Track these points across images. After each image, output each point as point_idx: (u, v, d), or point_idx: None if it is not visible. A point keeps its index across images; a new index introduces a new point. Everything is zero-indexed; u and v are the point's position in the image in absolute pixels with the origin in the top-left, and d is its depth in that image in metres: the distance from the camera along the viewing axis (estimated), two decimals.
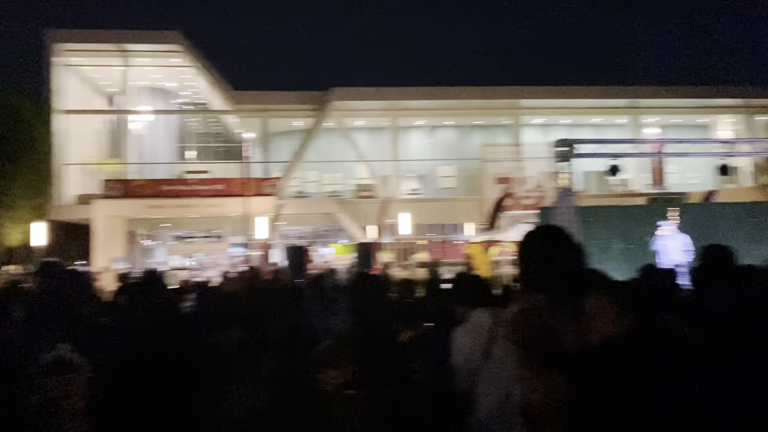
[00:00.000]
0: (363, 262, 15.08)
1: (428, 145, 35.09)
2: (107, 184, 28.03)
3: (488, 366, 3.16)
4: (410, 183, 34.04)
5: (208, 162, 33.45)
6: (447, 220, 32.57)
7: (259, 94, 32.31)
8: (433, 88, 33.05)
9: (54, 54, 29.29)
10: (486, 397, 3.13)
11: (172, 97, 33.81)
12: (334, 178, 34.36)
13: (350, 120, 33.77)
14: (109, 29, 30.62)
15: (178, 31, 30.52)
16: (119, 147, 32.96)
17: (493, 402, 3.11)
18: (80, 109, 30.90)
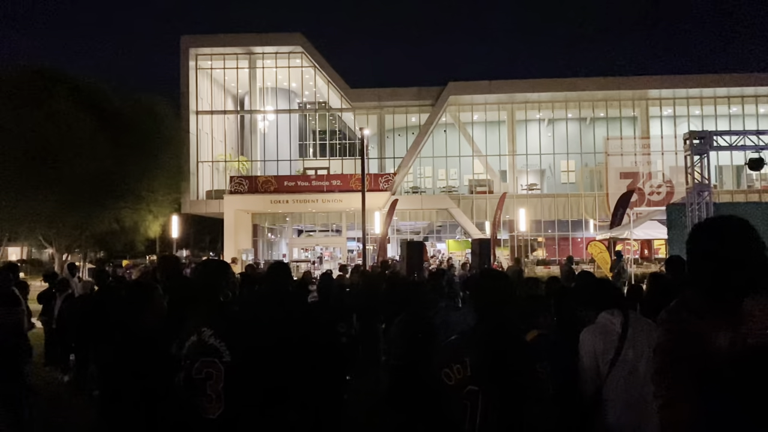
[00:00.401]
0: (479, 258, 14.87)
1: (547, 138, 34.03)
2: (234, 180, 29.72)
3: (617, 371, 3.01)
4: (528, 178, 33.19)
5: (327, 158, 34.49)
6: (567, 216, 31.45)
7: (376, 91, 32.84)
8: (552, 79, 31.97)
9: (188, 58, 31.52)
10: (614, 402, 2.99)
11: (294, 96, 35.20)
12: (450, 174, 34.23)
13: (466, 114, 33.48)
14: (236, 32, 32.40)
15: (299, 33, 31.77)
16: (246, 145, 34.86)
17: (621, 408, 2.97)
18: (212, 110, 33.01)
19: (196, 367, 2.76)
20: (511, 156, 32.71)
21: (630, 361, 3.00)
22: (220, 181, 32.84)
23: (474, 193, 31.42)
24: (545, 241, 32.57)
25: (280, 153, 33.54)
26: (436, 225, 32.81)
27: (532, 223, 30.39)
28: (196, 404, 2.73)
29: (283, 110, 34.12)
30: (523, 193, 31.97)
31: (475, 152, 33.10)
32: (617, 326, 3.07)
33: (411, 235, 32.97)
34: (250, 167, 33.52)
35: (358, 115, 33.09)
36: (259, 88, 33.47)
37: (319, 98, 34.47)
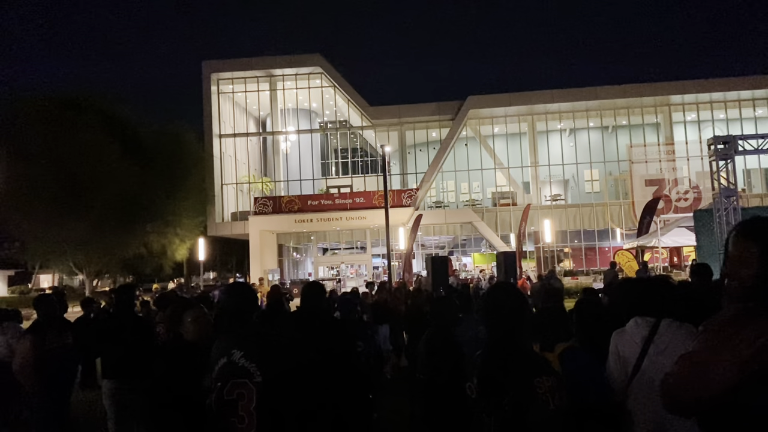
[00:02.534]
0: (504, 271, 14.77)
1: (569, 148, 33.84)
2: (258, 201, 30.02)
3: (639, 381, 2.97)
4: (552, 189, 32.97)
5: (349, 176, 34.71)
6: (592, 226, 31.13)
7: (395, 107, 33.05)
8: (572, 89, 31.85)
9: (211, 83, 32.10)
10: (638, 415, 2.95)
11: (315, 116, 35.58)
12: (472, 187, 34.17)
13: (487, 127, 33.48)
14: (255, 56, 32.92)
15: (317, 54, 32.18)
16: (269, 166, 35.26)
17: (646, 420, 2.92)
18: (234, 133, 33.49)
19: (227, 388, 2.80)
20: (533, 167, 32.56)
21: (652, 370, 2.94)
22: (244, 202, 33.21)
23: (497, 205, 31.31)
24: (572, 252, 32.25)
25: (302, 173, 33.84)
26: (460, 239, 32.71)
27: (557, 234, 30.13)
28: (229, 425, 2.76)
29: (305, 130, 34.47)
30: (547, 204, 31.75)
31: (497, 165, 33.03)
32: (642, 332, 3.02)
33: (436, 250, 32.91)
34: (274, 188, 33.85)
35: (378, 132, 33.29)
36: (281, 109, 33.90)
37: (340, 117, 34.78)
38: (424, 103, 32.83)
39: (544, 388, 2.52)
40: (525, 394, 2.49)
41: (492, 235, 29.62)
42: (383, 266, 31.13)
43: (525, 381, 2.51)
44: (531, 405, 2.47)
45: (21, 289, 51.98)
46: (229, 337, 2.95)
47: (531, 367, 2.58)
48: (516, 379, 2.51)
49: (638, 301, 3.18)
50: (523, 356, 2.63)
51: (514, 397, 2.49)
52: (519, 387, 2.50)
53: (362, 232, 31.15)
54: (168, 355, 3.04)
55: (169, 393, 2.91)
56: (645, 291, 3.23)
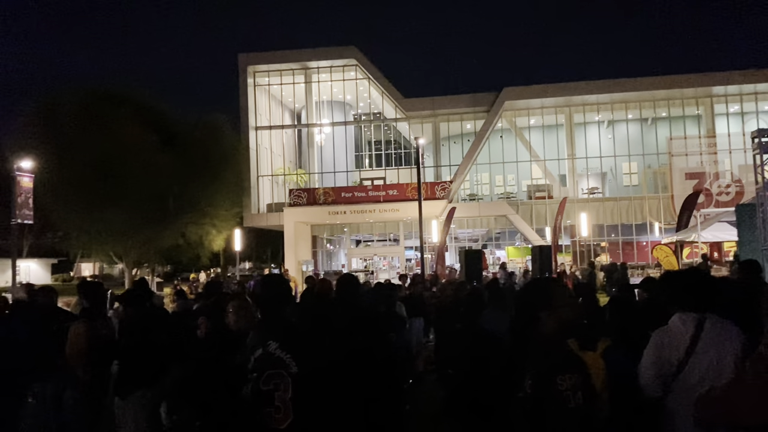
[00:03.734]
0: (540, 265, 14.63)
1: (607, 140, 33.23)
2: (293, 193, 30.28)
3: (683, 380, 2.91)
4: (589, 182, 32.44)
5: (383, 168, 34.73)
6: (630, 220, 30.54)
7: (429, 100, 32.88)
8: (611, 80, 31.20)
9: (247, 75, 32.43)
10: (679, 415, 2.89)
11: (349, 108, 35.66)
12: (507, 180, 33.86)
13: (523, 119, 33.09)
14: (291, 48, 33.12)
15: (352, 46, 32.20)
16: (303, 158, 35.52)
17: (687, 418, 2.86)
18: (270, 125, 33.80)
19: (263, 379, 2.84)
20: (570, 160, 32.08)
21: (697, 371, 2.88)
22: (279, 194, 33.53)
23: (533, 198, 30.95)
24: (608, 246, 31.72)
25: (336, 165, 33.99)
26: (494, 232, 32.46)
27: (594, 228, 29.67)
28: (265, 415, 2.80)
29: (339, 122, 34.58)
30: (584, 197, 31.27)
31: (533, 157, 32.64)
32: (689, 331, 2.95)
33: (469, 243, 32.74)
34: (308, 180, 34.08)
35: (412, 124, 33.21)
36: (315, 101, 34.06)
37: (374, 109, 34.78)
38: (458, 94, 32.59)
39: (566, 385, 2.49)
40: (545, 390, 2.46)
41: (527, 228, 29.31)
42: (416, 259, 31.11)
43: (546, 377, 2.48)
44: (550, 402, 2.45)
45: (63, 277, 53.59)
46: (264, 328, 2.99)
47: (555, 363, 2.55)
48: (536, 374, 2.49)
49: (683, 294, 3.10)
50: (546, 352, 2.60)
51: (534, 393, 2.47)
52: (539, 383, 2.48)
53: (395, 224, 31.14)
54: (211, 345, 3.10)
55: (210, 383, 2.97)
56: (690, 284, 3.14)
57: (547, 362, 2.51)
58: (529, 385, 2.47)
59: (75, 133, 23.94)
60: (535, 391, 2.46)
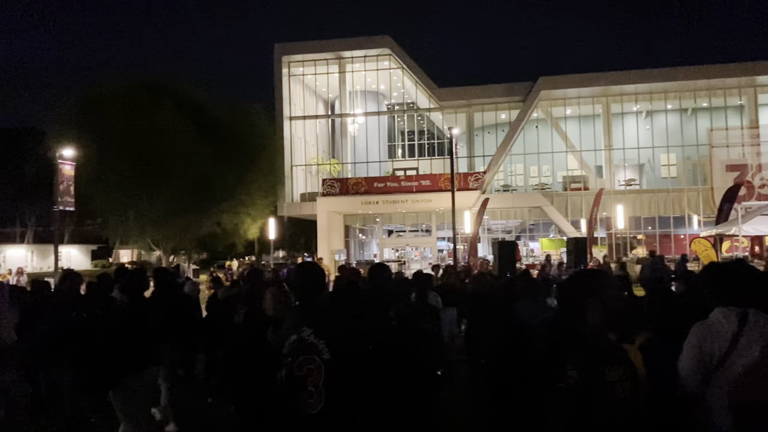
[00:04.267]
0: (575, 257, 14.44)
1: (645, 131, 32.52)
2: (326, 182, 30.44)
3: (723, 374, 2.84)
4: (626, 173, 31.83)
5: (416, 159, 34.65)
6: (668, 212, 29.90)
7: (463, 90, 32.62)
8: (650, 70, 30.47)
9: (281, 66, 32.62)
10: (719, 410, 2.82)
11: (382, 98, 35.61)
12: (542, 170, 33.44)
13: (559, 109, 32.60)
14: (325, 38, 33.19)
15: (386, 36, 32.10)
16: (337, 148, 35.64)
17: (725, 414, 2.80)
18: (304, 115, 33.98)
19: (297, 364, 2.87)
20: (607, 150, 31.51)
21: (739, 366, 2.81)
22: (312, 183, 33.74)
23: (568, 189, 30.52)
24: (645, 239, 31.13)
25: (369, 155, 34.02)
26: (528, 224, 32.12)
27: (630, 220, 29.14)
28: (298, 400, 2.84)
29: (372, 112, 34.57)
30: (620, 188, 30.72)
31: (569, 148, 32.16)
32: (731, 326, 2.88)
33: (502, 234, 32.50)
34: (341, 169, 34.20)
35: (446, 114, 33.01)
36: (349, 91, 34.10)
37: (407, 99, 34.67)
38: (493, 84, 32.26)
39: (615, 376, 2.47)
40: (592, 381, 2.44)
41: (562, 220, 28.94)
42: (448, 249, 31.02)
43: (593, 368, 2.46)
44: (598, 393, 2.43)
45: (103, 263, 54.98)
46: (299, 314, 3.02)
47: (603, 354, 2.53)
48: (582, 365, 2.47)
49: (726, 287, 3.02)
50: (593, 343, 2.58)
51: (582, 383, 2.45)
52: (586, 374, 2.45)
53: (427, 214, 31.06)
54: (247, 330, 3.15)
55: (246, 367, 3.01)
56: (734, 277, 3.06)
57: (593, 353, 2.48)
58: (573, 375, 2.45)
59: (115, 122, 24.47)
60: (581, 381, 2.44)
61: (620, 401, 2.44)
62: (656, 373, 2.86)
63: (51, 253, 26.70)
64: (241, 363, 3.12)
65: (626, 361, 2.59)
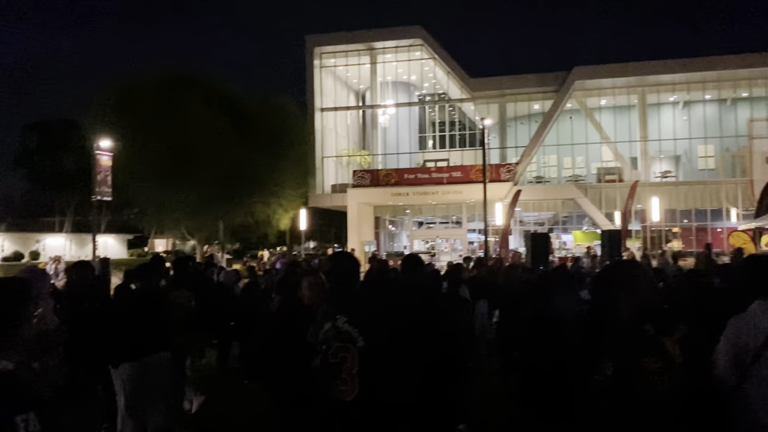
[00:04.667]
0: (609, 250, 14.23)
1: (682, 122, 31.79)
2: (357, 174, 30.49)
3: (760, 368, 2.78)
4: (662, 165, 31.18)
5: (447, 150, 34.48)
6: (705, 205, 29.22)
7: (496, 80, 32.30)
8: (688, 59, 29.71)
9: (313, 57, 32.72)
10: (756, 402, 2.77)
11: (413, 89, 35.48)
12: (576, 162, 32.96)
13: (593, 99, 32.07)
14: (357, 30, 33.13)
15: (418, 26, 31.92)
16: (367, 139, 35.66)
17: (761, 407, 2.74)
18: (335, 107, 34.06)
19: (331, 351, 2.90)
20: (642, 142, 30.91)
21: None
22: (343, 175, 33.83)
23: (602, 181, 30.03)
24: (681, 232, 30.49)
25: (400, 146, 33.97)
26: (561, 216, 31.72)
27: (666, 213, 28.57)
28: (333, 387, 2.86)
29: (403, 103, 34.48)
30: (656, 180, 30.13)
31: (604, 139, 31.63)
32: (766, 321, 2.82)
33: (535, 227, 32.15)
34: (372, 161, 34.23)
35: (478, 104, 32.74)
36: (380, 82, 34.05)
37: (439, 89, 34.48)
38: (526, 74, 31.87)
39: (653, 368, 2.44)
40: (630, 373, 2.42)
41: (596, 212, 28.51)
42: (479, 241, 30.84)
43: (631, 360, 2.43)
44: (636, 385, 2.41)
45: (139, 252, 56.09)
46: (334, 303, 3.04)
47: (640, 346, 2.50)
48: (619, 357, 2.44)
49: (765, 280, 2.96)
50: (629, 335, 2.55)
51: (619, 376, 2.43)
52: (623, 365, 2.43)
53: (458, 206, 30.90)
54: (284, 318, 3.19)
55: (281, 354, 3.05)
56: None
57: (630, 345, 2.45)
58: (609, 367, 2.42)
59: (150, 114, 24.89)
60: (618, 373, 2.41)
61: (659, 393, 2.41)
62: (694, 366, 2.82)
63: (89, 242, 27.37)
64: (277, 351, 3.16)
65: (665, 353, 2.55)
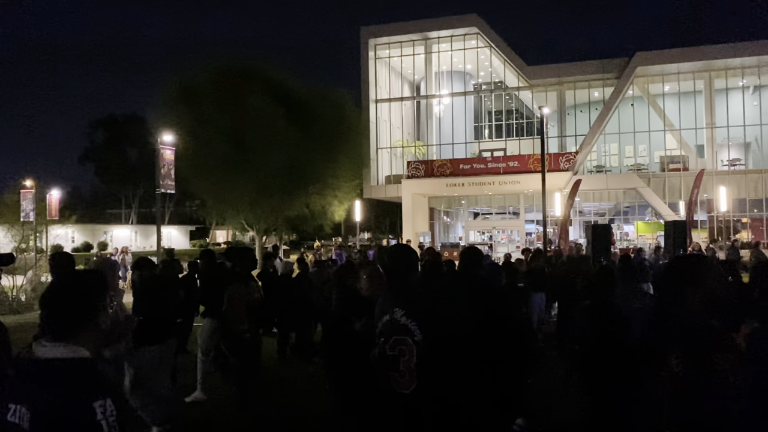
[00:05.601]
0: (673, 242, 13.73)
1: (753, 108, 30.30)
2: (411, 165, 30.45)
3: None
4: (730, 153, 29.83)
5: (503, 139, 34.01)
6: None
7: (554, 67, 31.58)
8: (759, 41, 28.28)
9: (368, 48, 32.79)
10: None
11: (469, 78, 35.10)
12: (638, 150, 31.93)
13: (656, 86, 30.94)
14: (411, 20, 32.99)
15: (474, 14, 31.51)
16: (422, 130, 35.54)
17: None
18: (389, 98, 34.07)
19: (389, 344, 2.90)
20: (709, 129, 29.66)
21: None
22: (397, 166, 33.86)
23: (666, 170, 28.99)
24: (751, 222, 29.15)
25: (455, 136, 33.72)
26: (623, 206, 30.83)
27: (734, 203, 27.38)
28: (391, 379, 2.87)
29: (458, 93, 34.18)
30: (723, 169, 28.87)
31: (667, 126, 30.51)
32: None
33: (595, 217, 31.38)
34: (426, 151, 34.11)
35: (536, 92, 32.13)
36: (435, 72, 33.84)
37: (495, 78, 34.00)
38: (585, 60, 31.04)
39: (725, 364, 2.36)
40: (701, 368, 2.34)
41: (659, 202, 27.57)
42: (537, 232, 30.34)
43: (702, 355, 2.36)
44: (709, 380, 2.33)
45: (200, 243, 57.80)
46: (391, 296, 3.04)
47: (710, 341, 2.42)
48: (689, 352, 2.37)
49: None
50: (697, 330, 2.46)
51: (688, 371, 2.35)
52: (694, 361, 2.35)
53: (515, 197, 30.47)
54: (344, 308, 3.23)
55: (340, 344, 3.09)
56: None
57: (700, 340, 2.37)
58: (677, 363, 2.35)
59: (210, 107, 25.51)
60: (688, 369, 2.34)
61: (732, 389, 2.33)
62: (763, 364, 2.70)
63: (153, 233, 28.33)
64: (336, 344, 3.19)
65: (734, 349, 2.46)
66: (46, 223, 25.25)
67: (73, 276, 1.87)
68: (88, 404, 1.58)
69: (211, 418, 6.17)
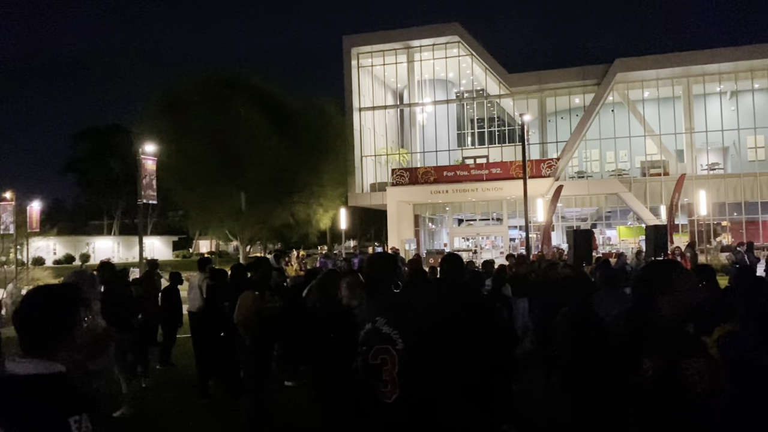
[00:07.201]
0: (654, 246, 13.87)
1: (730, 113, 30.79)
2: (396, 172, 30.52)
3: None
4: (709, 157, 30.27)
5: (485, 146, 34.21)
6: (756, 197, 28.23)
7: (535, 74, 31.87)
8: (735, 47, 28.76)
9: (350, 57, 32.87)
10: None
11: (451, 86, 35.32)
12: (619, 156, 32.28)
13: (636, 92, 31.33)
14: (393, 29, 33.14)
15: (455, 23, 31.75)
16: (405, 137, 35.65)
17: None
18: (373, 106, 34.15)
19: (371, 353, 2.92)
20: (688, 134, 30.08)
21: None
22: (382, 174, 33.91)
23: (647, 175, 29.33)
24: (730, 226, 29.56)
25: (438, 143, 33.87)
26: (605, 211, 31.13)
27: (714, 206, 27.76)
28: (374, 388, 2.89)
29: (441, 101, 34.36)
30: (703, 173, 29.27)
31: (647, 132, 30.88)
32: None
33: (577, 223, 31.65)
34: (411, 159, 34.21)
35: (517, 100, 32.39)
36: (417, 80, 34.00)
37: (477, 86, 34.24)
38: (566, 68, 31.36)
39: (693, 369, 2.39)
40: (669, 374, 2.37)
41: (640, 206, 27.88)
42: (520, 238, 30.52)
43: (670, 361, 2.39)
44: (677, 387, 2.36)
45: (183, 253, 57.33)
46: (373, 304, 3.06)
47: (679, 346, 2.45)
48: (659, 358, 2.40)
49: None
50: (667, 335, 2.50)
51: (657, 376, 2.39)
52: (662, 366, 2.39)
53: (498, 203, 30.64)
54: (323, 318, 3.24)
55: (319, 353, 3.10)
56: None
57: (670, 345, 2.41)
58: (649, 367, 2.39)
59: (193, 118, 25.42)
60: (658, 374, 2.38)
61: (700, 395, 2.36)
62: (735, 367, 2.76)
63: (136, 244, 28.11)
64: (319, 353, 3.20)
65: (705, 354, 2.50)
66: (27, 236, 24.94)
67: (44, 290, 1.83)
68: (63, 420, 1.57)
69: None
